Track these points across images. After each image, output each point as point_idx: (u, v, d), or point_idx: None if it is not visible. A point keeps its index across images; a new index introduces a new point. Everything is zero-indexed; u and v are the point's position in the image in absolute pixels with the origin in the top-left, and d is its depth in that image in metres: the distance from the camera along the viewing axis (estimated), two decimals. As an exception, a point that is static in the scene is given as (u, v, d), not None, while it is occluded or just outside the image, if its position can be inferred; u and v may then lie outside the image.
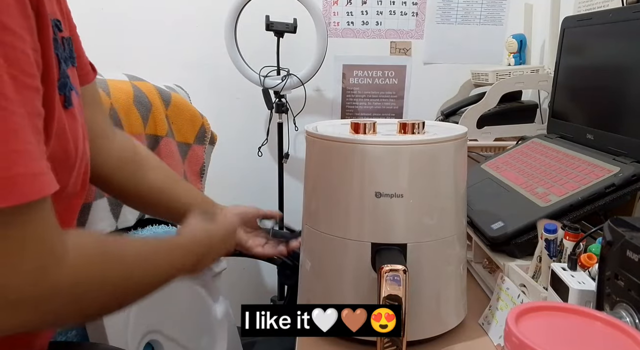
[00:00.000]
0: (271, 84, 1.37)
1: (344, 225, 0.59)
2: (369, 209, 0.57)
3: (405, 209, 0.57)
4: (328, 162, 0.61)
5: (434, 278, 0.61)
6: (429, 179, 0.58)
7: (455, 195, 0.60)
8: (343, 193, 0.59)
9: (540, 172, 0.80)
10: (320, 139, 0.60)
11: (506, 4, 1.50)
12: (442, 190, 0.59)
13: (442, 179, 0.59)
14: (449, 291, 0.62)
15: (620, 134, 0.75)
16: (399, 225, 0.57)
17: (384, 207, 0.56)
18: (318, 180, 0.63)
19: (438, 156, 0.58)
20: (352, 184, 0.58)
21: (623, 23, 0.78)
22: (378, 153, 0.56)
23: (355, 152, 0.57)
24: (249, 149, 1.57)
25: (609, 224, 0.47)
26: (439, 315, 0.62)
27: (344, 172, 0.58)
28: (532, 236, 0.66)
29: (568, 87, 0.94)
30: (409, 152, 0.56)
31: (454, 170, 0.60)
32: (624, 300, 0.43)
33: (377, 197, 0.56)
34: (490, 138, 1.17)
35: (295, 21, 1.35)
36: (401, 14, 1.53)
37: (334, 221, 0.60)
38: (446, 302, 0.63)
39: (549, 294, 0.55)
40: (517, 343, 0.36)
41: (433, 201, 0.58)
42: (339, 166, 0.59)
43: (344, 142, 0.58)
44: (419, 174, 0.57)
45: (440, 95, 1.47)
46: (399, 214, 0.57)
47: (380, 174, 0.56)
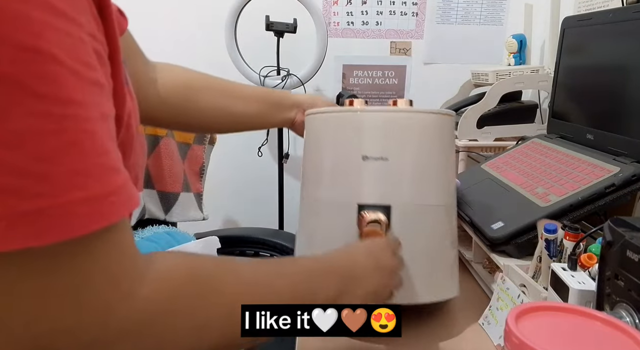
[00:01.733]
0: (271, 84, 1.37)
1: (332, 188, 0.63)
2: (355, 171, 0.61)
3: (390, 172, 0.61)
4: (322, 132, 0.66)
5: (417, 242, 0.62)
6: (413, 145, 0.62)
7: (439, 168, 0.64)
8: (332, 158, 0.64)
9: (540, 172, 0.80)
10: (316, 114, 0.66)
11: (506, 4, 1.50)
12: (426, 159, 0.62)
13: (426, 147, 0.62)
14: (434, 260, 0.63)
15: (620, 134, 0.75)
16: (384, 187, 0.61)
17: (370, 169, 0.60)
18: (313, 153, 0.67)
19: (422, 126, 0.62)
20: (341, 148, 0.63)
21: (623, 23, 0.78)
22: (365, 119, 0.62)
23: (344, 120, 0.63)
24: (249, 149, 1.57)
25: (609, 224, 0.47)
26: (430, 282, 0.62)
27: (334, 138, 0.64)
28: (532, 236, 0.66)
29: (568, 87, 0.94)
30: (392, 119, 0.61)
31: (439, 143, 0.63)
32: (624, 300, 0.43)
33: (364, 160, 0.60)
34: (490, 138, 1.17)
35: (295, 21, 1.35)
36: (401, 14, 1.53)
37: (324, 186, 0.64)
38: (430, 270, 0.63)
39: (549, 294, 0.55)
40: (517, 343, 0.36)
41: (416, 167, 0.62)
42: (330, 134, 0.65)
43: (336, 112, 0.65)
44: (402, 140, 0.61)
45: (440, 95, 1.47)
46: (385, 176, 0.61)
47: (367, 138, 0.61)
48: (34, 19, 0.26)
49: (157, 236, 0.95)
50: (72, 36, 0.28)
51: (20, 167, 0.26)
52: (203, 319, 0.35)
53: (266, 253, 1.18)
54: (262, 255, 1.19)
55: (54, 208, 0.27)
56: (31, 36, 0.26)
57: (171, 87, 0.68)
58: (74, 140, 0.28)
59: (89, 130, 0.28)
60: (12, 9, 0.25)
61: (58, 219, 0.27)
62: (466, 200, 0.84)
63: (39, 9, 0.26)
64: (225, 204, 1.69)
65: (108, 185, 0.29)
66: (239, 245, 1.19)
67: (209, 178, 1.23)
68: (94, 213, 0.28)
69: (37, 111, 0.26)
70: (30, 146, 0.26)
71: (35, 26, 0.26)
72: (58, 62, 0.27)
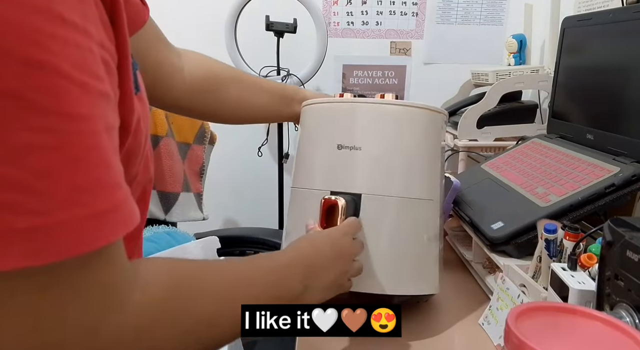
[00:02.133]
0: (271, 84, 1.37)
1: (308, 176, 0.66)
2: (329, 159, 0.63)
3: (361, 161, 0.62)
4: (306, 123, 0.69)
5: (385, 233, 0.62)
6: (385, 136, 0.63)
7: (417, 161, 0.64)
8: (310, 147, 0.66)
9: (540, 172, 0.80)
10: (304, 106, 0.69)
11: (506, 4, 1.50)
12: (400, 150, 0.63)
13: (400, 140, 0.63)
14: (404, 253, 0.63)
15: (620, 134, 0.75)
16: (354, 175, 0.62)
17: (343, 158, 0.62)
18: (299, 143, 0.69)
19: (400, 117, 0.63)
20: (318, 137, 0.66)
21: (623, 23, 0.78)
22: (340, 109, 0.64)
23: (322, 110, 0.66)
24: (249, 149, 1.57)
25: (609, 224, 0.47)
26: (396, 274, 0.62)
27: (314, 128, 0.67)
28: (532, 236, 0.66)
29: (568, 87, 0.94)
30: (367, 110, 0.63)
31: (415, 136, 0.64)
32: (624, 300, 0.43)
33: (339, 149, 0.62)
34: (490, 138, 1.17)
35: (295, 21, 1.35)
36: (401, 14, 1.53)
37: (303, 174, 0.67)
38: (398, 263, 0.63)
39: (549, 294, 0.55)
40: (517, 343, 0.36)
41: (389, 158, 0.62)
42: (312, 124, 0.68)
43: (315, 103, 0.67)
44: (374, 130, 0.62)
45: (440, 95, 1.47)
46: (356, 165, 0.62)
47: (343, 128, 0.63)
48: (40, 30, 0.26)
49: (157, 236, 0.95)
50: (80, 47, 0.28)
51: (19, 183, 0.25)
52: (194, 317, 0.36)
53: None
54: (262, 255, 1.19)
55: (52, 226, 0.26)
56: (36, 49, 0.25)
57: (197, 76, 0.68)
58: (76, 155, 0.27)
59: (92, 145, 0.28)
60: (17, 20, 0.25)
61: (56, 238, 0.27)
62: (466, 200, 0.84)
63: (46, 20, 0.26)
64: (225, 204, 1.69)
65: (108, 202, 0.29)
66: (239, 245, 1.19)
67: (209, 178, 1.23)
68: (93, 232, 0.28)
69: (39, 126, 0.26)
70: (30, 162, 0.26)
71: (41, 38, 0.26)
72: (63, 76, 0.26)
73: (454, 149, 1.20)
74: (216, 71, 0.71)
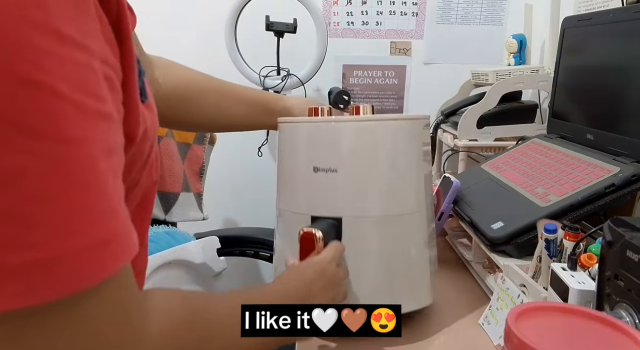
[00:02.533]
0: (271, 84, 1.37)
1: (289, 198, 0.65)
2: (306, 182, 0.62)
3: (339, 184, 0.60)
4: (281, 141, 0.67)
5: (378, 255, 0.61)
6: (363, 156, 0.60)
7: (402, 174, 0.62)
8: (288, 168, 0.65)
9: (540, 172, 0.80)
10: (280, 123, 0.67)
11: (506, 4, 1.50)
12: (379, 168, 0.61)
13: (379, 157, 0.61)
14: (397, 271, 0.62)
15: (620, 134, 0.75)
16: (333, 199, 0.61)
17: (320, 181, 0.60)
18: (278, 161, 0.68)
19: (375, 134, 0.60)
20: (295, 159, 0.64)
21: (623, 23, 0.78)
22: (313, 130, 0.62)
23: (297, 130, 0.63)
24: (249, 149, 1.57)
25: (609, 224, 0.47)
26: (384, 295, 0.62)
27: (290, 148, 0.65)
28: (532, 236, 0.66)
29: (568, 87, 0.94)
30: (339, 129, 0.60)
31: (397, 150, 0.61)
32: (624, 300, 0.43)
33: (315, 171, 0.60)
34: (490, 138, 1.17)
35: (295, 21, 1.35)
36: (401, 14, 1.53)
37: (283, 195, 0.66)
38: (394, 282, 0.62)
39: (549, 294, 0.55)
40: (517, 343, 0.36)
41: (367, 178, 0.61)
42: (287, 143, 0.65)
43: (289, 122, 0.65)
44: (351, 150, 0.60)
45: (440, 95, 1.47)
46: (334, 188, 0.60)
47: (317, 149, 0.61)
48: (37, 48, 0.24)
49: (157, 236, 0.95)
50: (79, 65, 0.26)
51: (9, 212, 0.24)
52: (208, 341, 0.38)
53: (266, 253, 1.18)
54: (262, 255, 1.19)
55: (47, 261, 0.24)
56: (31, 68, 0.24)
57: (172, 86, 0.68)
58: (71, 181, 0.25)
59: (88, 170, 0.26)
60: (12, 37, 0.23)
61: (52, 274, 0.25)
62: (466, 200, 0.84)
63: (43, 36, 0.24)
64: (225, 204, 1.69)
65: (107, 231, 0.27)
66: (239, 245, 1.19)
67: (209, 178, 1.23)
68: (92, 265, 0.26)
69: (31, 150, 0.24)
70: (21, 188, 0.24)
71: (36, 56, 0.24)
72: (60, 96, 0.25)
73: (454, 149, 1.20)
74: (191, 80, 0.71)
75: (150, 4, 1.49)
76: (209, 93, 0.71)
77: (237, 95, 0.74)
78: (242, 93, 0.75)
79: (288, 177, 0.65)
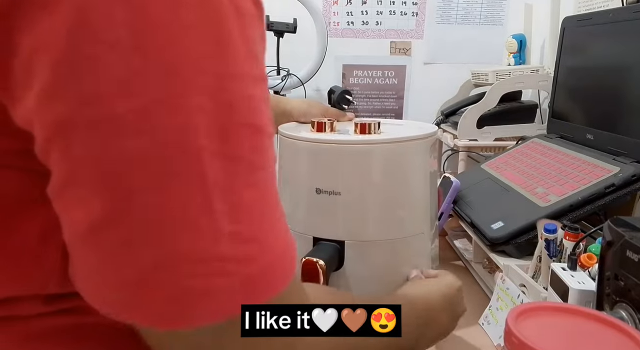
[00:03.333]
0: (271, 84, 1.37)
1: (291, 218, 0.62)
2: (309, 204, 0.59)
3: (342, 207, 0.58)
4: (282, 157, 0.64)
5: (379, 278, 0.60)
6: (367, 179, 0.58)
7: (407, 197, 0.60)
8: (289, 186, 0.62)
9: (540, 172, 0.80)
10: (282, 137, 0.63)
11: (506, 4, 1.50)
12: (383, 191, 0.58)
13: (385, 179, 0.58)
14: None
15: (620, 134, 0.75)
16: (336, 221, 0.59)
17: (323, 203, 0.58)
18: (280, 175, 0.65)
19: (381, 156, 0.58)
20: (297, 179, 0.61)
21: (623, 23, 0.78)
22: (317, 151, 0.58)
23: (299, 149, 0.60)
24: (249, 149, 1.57)
25: (609, 224, 0.47)
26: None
27: (291, 167, 0.62)
28: (532, 236, 0.66)
29: (568, 87, 0.94)
30: (344, 152, 0.57)
31: (403, 172, 0.59)
32: (624, 300, 0.43)
33: (317, 193, 0.58)
34: (490, 138, 1.17)
35: (295, 21, 1.35)
36: (401, 14, 1.53)
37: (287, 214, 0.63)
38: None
39: (549, 294, 0.55)
40: (517, 343, 0.36)
41: (372, 201, 0.58)
42: (287, 160, 0.63)
43: (293, 139, 0.61)
44: (356, 173, 0.58)
45: (440, 95, 1.47)
46: (336, 210, 0.58)
47: (320, 171, 0.59)
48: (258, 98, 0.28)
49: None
50: (267, 100, 0.30)
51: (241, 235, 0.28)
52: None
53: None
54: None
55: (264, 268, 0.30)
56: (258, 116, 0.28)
57: None
58: (273, 203, 0.30)
59: (274, 188, 0.31)
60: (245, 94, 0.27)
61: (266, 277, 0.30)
62: (466, 200, 0.84)
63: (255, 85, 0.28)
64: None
65: (291, 242, 0.32)
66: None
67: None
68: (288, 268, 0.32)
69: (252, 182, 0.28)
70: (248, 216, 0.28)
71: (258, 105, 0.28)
72: (268, 134, 0.29)
73: (454, 149, 1.20)
74: None
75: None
76: None
77: None
78: None
79: (288, 196, 0.62)
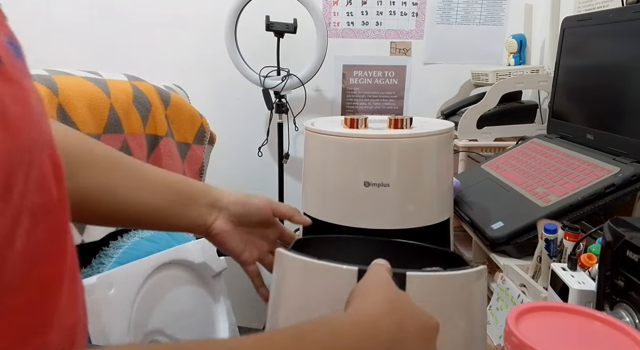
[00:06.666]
0: (271, 84, 1.37)
1: (336, 211, 0.65)
2: (357, 196, 0.62)
3: (391, 197, 0.62)
4: (325, 154, 0.66)
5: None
6: (413, 169, 0.63)
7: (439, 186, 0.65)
8: (335, 181, 0.65)
9: (540, 172, 0.80)
10: (318, 133, 0.65)
11: (506, 4, 1.50)
12: (427, 180, 0.64)
13: (426, 169, 0.64)
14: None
15: (620, 134, 0.75)
16: (385, 212, 0.63)
17: (371, 194, 0.62)
18: (316, 172, 0.68)
19: (423, 149, 0.63)
20: (344, 173, 0.64)
21: (623, 23, 0.78)
22: (367, 145, 0.62)
23: (347, 144, 0.63)
24: (249, 149, 1.57)
25: (609, 224, 0.47)
26: None
27: (338, 162, 0.64)
28: (532, 236, 0.66)
29: (568, 87, 0.94)
30: (396, 145, 0.62)
31: (437, 163, 0.65)
32: (624, 300, 0.43)
33: (366, 186, 0.61)
34: (490, 138, 1.17)
35: (295, 21, 1.35)
36: (401, 14, 1.53)
37: (328, 208, 0.66)
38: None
39: (549, 294, 0.55)
40: (517, 343, 0.36)
41: (417, 190, 0.63)
42: (333, 157, 0.65)
43: (339, 135, 0.64)
44: (404, 165, 0.62)
45: (440, 95, 1.47)
46: (386, 201, 0.62)
47: (369, 164, 0.62)
48: None
49: (157, 236, 0.95)
50: None
51: None
52: None
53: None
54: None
55: None
56: None
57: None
58: None
59: None
60: None
61: None
62: (466, 200, 0.84)
63: None
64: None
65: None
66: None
67: (208, 178, 1.23)
68: None
69: None
70: None
71: None
72: None
73: (454, 149, 1.20)
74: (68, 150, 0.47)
75: (150, 4, 1.49)
76: (90, 164, 0.49)
77: (142, 174, 0.54)
78: (153, 174, 0.55)
79: (334, 191, 0.65)
